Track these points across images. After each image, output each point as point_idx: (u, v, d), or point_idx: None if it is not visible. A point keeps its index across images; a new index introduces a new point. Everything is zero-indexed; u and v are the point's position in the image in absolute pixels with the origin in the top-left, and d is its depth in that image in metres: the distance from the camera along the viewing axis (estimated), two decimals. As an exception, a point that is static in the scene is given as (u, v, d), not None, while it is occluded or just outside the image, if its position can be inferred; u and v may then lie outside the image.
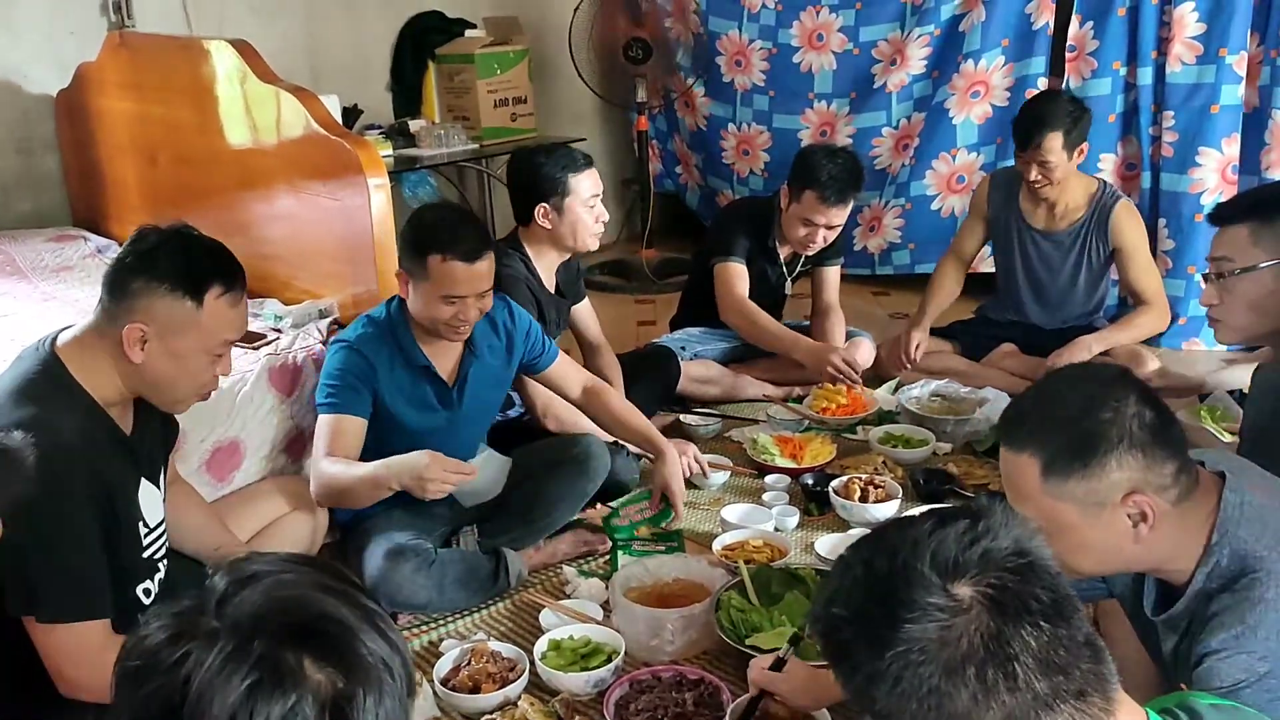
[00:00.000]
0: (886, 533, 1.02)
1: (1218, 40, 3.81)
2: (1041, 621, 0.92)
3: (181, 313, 1.79)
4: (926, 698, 0.92)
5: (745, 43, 4.97)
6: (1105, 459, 1.36)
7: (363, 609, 0.90)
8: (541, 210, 2.92)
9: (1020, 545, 0.96)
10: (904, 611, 0.92)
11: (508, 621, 2.42)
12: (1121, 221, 3.35)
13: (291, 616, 0.86)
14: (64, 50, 3.91)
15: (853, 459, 3.06)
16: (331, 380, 2.43)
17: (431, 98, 5.05)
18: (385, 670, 0.87)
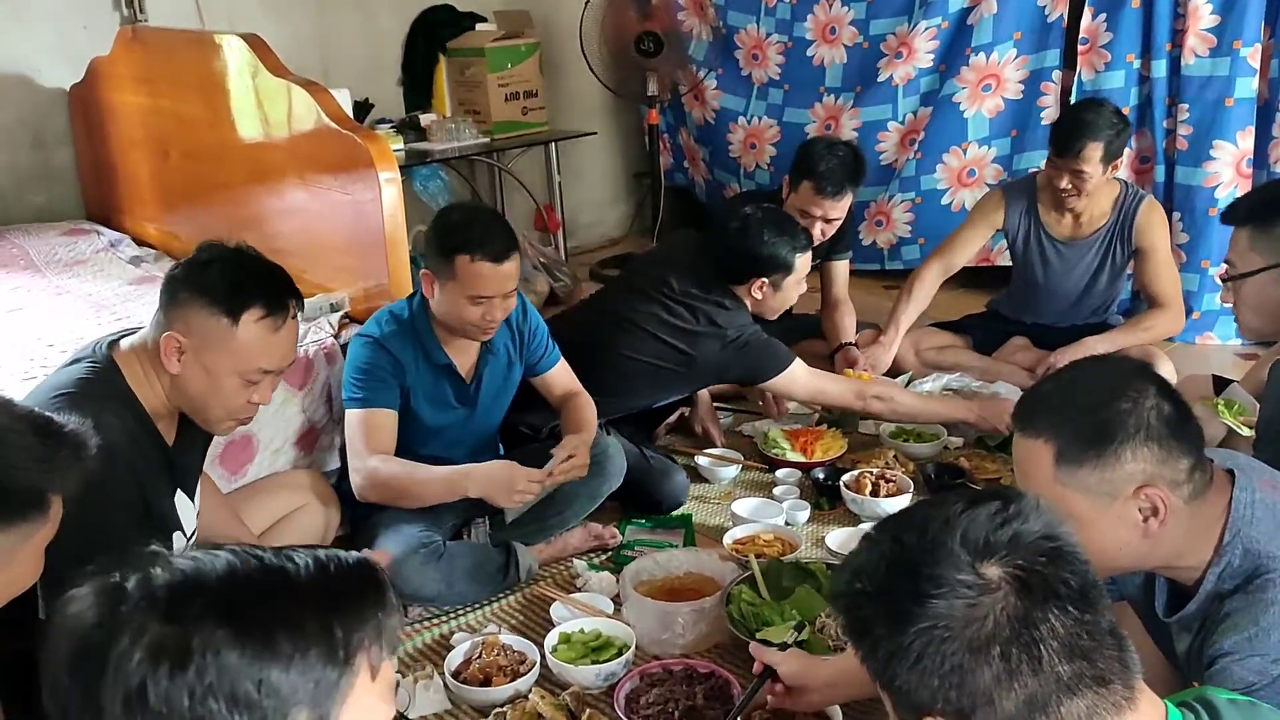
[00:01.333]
0: (916, 511, 1.01)
1: (1232, 32, 3.78)
2: (1069, 606, 0.92)
3: (216, 329, 1.78)
4: (949, 675, 0.91)
5: (762, 36, 4.96)
6: (1120, 449, 1.35)
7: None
8: (759, 284, 2.88)
9: (1050, 530, 0.96)
10: (931, 587, 0.92)
11: (518, 615, 2.43)
12: (1146, 221, 3.30)
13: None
14: (77, 44, 3.92)
15: (864, 453, 3.06)
16: (362, 375, 2.43)
17: (442, 91, 5.04)
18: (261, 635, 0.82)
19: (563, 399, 2.77)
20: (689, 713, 1.98)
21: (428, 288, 2.46)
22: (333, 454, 2.77)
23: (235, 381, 1.81)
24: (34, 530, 1.27)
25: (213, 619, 0.81)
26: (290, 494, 2.49)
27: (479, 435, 2.68)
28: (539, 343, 2.71)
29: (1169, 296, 3.34)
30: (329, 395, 2.73)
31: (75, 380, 1.78)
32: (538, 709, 1.98)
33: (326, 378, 2.72)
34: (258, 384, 1.84)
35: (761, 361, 2.87)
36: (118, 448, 1.70)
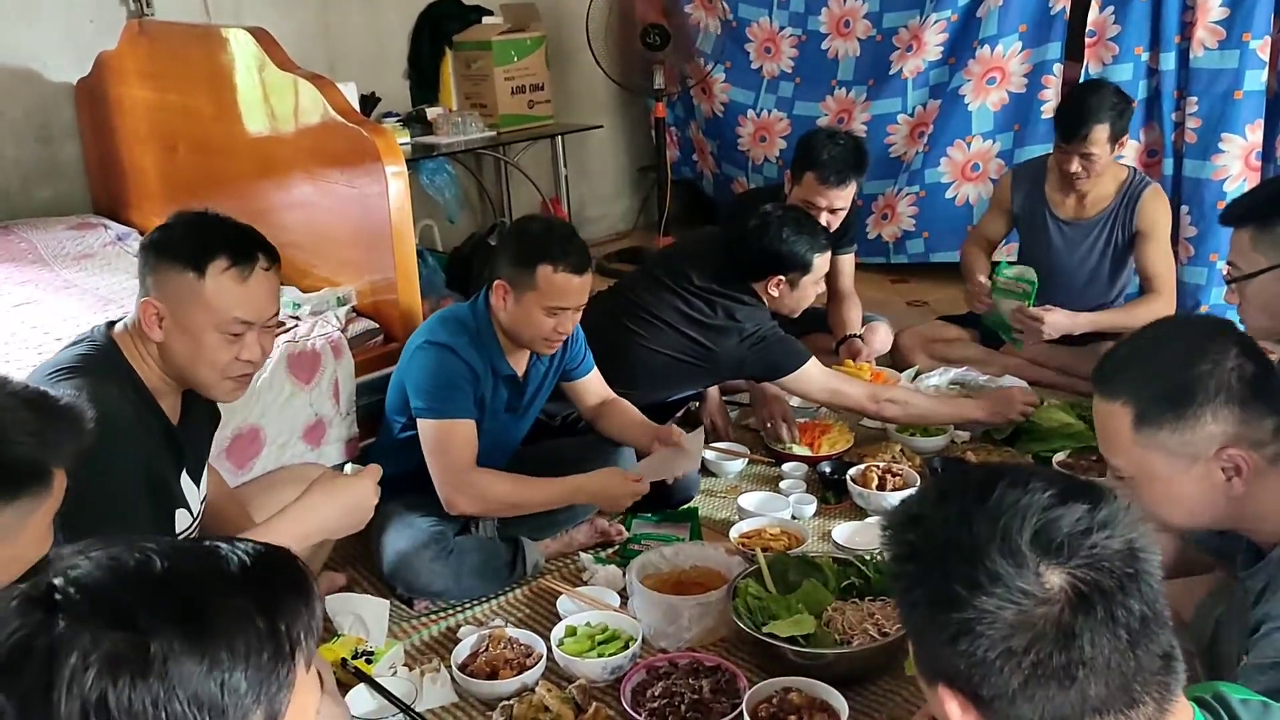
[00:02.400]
0: (999, 484, 0.94)
1: (1241, 25, 3.76)
2: (1122, 633, 0.88)
3: (187, 286, 1.78)
4: (976, 665, 0.89)
5: (775, 30, 4.96)
6: (1200, 411, 1.35)
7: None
8: (777, 281, 2.88)
9: (1133, 548, 0.91)
10: (987, 582, 0.88)
11: (525, 608, 2.43)
12: (1148, 204, 3.32)
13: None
14: (84, 39, 3.93)
15: (870, 447, 3.06)
16: (439, 385, 2.41)
17: (449, 85, 5.04)
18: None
19: (598, 407, 2.78)
20: (695, 706, 1.98)
21: (499, 298, 2.45)
22: (341, 447, 2.77)
23: (215, 337, 1.80)
24: (36, 505, 1.27)
25: (167, 623, 0.76)
26: (298, 487, 2.46)
27: (515, 437, 2.70)
28: (579, 347, 2.71)
29: (1163, 281, 3.36)
30: (335, 389, 2.74)
31: (75, 357, 1.79)
32: (544, 702, 1.99)
33: (334, 371, 2.73)
34: (240, 337, 1.83)
35: (779, 359, 2.87)
36: (121, 417, 1.70)
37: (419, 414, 2.42)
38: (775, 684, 2.00)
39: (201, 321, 1.79)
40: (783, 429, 3.10)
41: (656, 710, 1.98)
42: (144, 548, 0.82)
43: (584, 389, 2.78)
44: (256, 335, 1.85)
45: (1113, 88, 3.31)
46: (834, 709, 1.93)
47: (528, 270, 2.39)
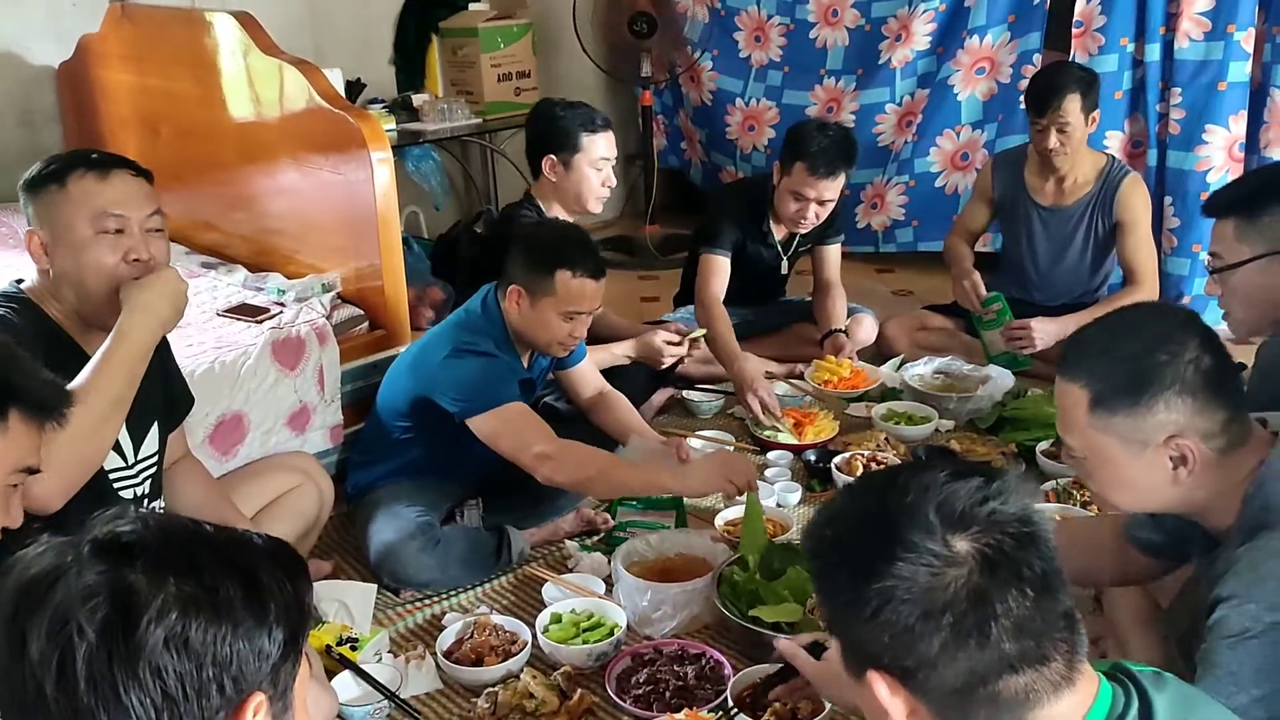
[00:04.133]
0: (901, 473, 1.03)
1: (1226, 16, 3.78)
2: (1028, 589, 0.95)
3: (52, 200, 1.80)
4: (899, 635, 0.95)
5: (764, 18, 4.94)
6: (1154, 399, 1.38)
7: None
8: (549, 162, 2.97)
9: (1026, 513, 0.98)
10: (900, 549, 0.95)
11: (510, 595, 2.44)
12: (1128, 194, 3.34)
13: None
14: (65, 22, 3.89)
15: (855, 435, 3.06)
16: (489, 383, 2.40)
17: (435, 72, 5.02)
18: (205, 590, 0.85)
19: (594, 399, 2.79)
20: (680, 692, 1.99)
21: (514, 303, 2.46)
22: (324, 434, 2.76)
23: (93, 241, 1.80)
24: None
25: (229, 577, 0.85)
26: (283, 475, 2.48)
27: None
28: None
29: (1145, 272, 3.38)
30: (320, 376, 2.73)
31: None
32: (529, 689, 1.99)
33: (319, 358, 2.72)
34: (121, 235, 1.81)
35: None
36: (18, 331, 1.74)
37: (468, 414, 2.39)
38: (760, 670, 2.00)
39: (75, 226, 1.80)
40: (766, 416, 3.08)
41: (641, 697, 1.99)
42: (173, 516, 0.93)
43: (578, 379, 2.78)
44: (141, 236, 1.84)
45: (1078, 65, 3.37)
46: (817, 695, 1.94)
47: (545, 276, 2.40)
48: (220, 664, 0.82)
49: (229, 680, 0.83)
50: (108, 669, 0.80)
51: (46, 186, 1.82)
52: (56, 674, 0.80)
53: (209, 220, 3.44)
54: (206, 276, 3.12)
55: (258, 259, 3.22)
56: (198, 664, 0.82)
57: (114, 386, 1.73)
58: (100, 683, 0.79)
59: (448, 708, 2.07)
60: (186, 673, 0.81)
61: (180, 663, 0.81)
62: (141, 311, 1.78)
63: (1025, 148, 3.52)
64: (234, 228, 3.34)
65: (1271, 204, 1.89)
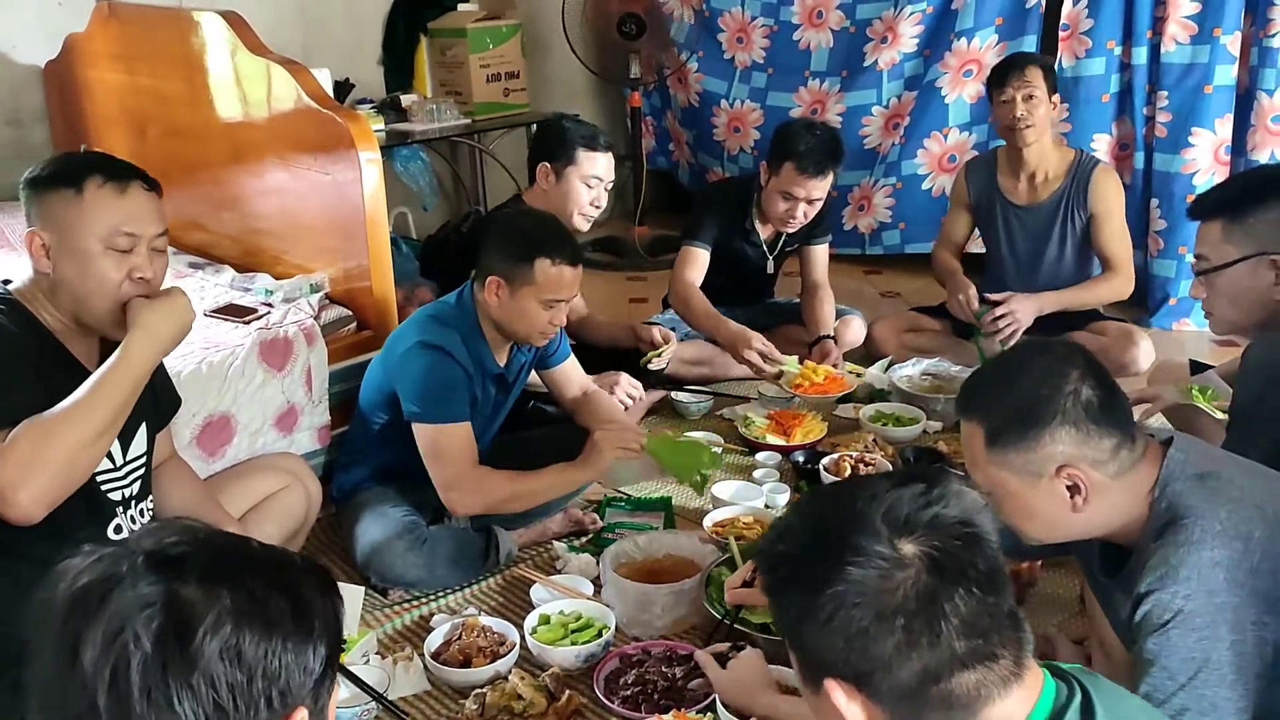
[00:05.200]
0: (845, 485, 1.10)
1: (1212, 20, 3.81)
2: (974, 588, 0.99)
3: (64, 205, 1.78)
4: (853, 639, 0.98)
5: (747, 20, 4.95)
6: (1040, 433, 1.45)
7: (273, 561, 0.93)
8: (543, 169, 2.99)
9: (967, 515, 1.02)
10: (849, 555, 0.98)
11: (498, 596, 2.43)
12: (1100, 184, 3.37)
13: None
14: (52, 21, 3.87)
15: (843, 437, 3.07)
16: (435, 390, 2.38)
17: (423, 72, 5.02)
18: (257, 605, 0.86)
19: (578, 398, 2.78)
20: (668, 693, 1.99)
21: (492, 293, 2.43)
22: (313, 435, 2.76)
23: (101, 254, 1.78)
24: None
25: (276, 591, 0.87)
26: (271, 476, 2.47)
27: (493, 428, 2.69)
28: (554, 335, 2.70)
29: (1120, 260, 3.41)
30: (308, 376, 2.72)
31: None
32: (517, 690, 1.99)
33: (306, 359, 2.71)
34: (128, 255, 1.80)
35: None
36: (18, 338, 1.74)
37: (414, 418, 2.40)
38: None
39: (85, 238, 1.78)
40: (768, 364, 3.21)
41: (629, 698, 1.99)
42: (220, 531, 0.95)
43: (562, 378, 2.78)
44: (147, 254, 1.83)
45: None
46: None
47: (525, 264, 2.39)
48: (270, 677, 0.84)
49: (277, 693, 0.85)
50: (162, 679, 0.81)
51: (58, 189, 1.79)
52: (110, 683, 0.80)
53: (197, 220, 3.43)
54: (194, 277, 3.11)
55: (246, 259, 3.22)
56: (249, 676, 0.83)
57: (111, 405, 1.73)
58: (154, 692, 0.81)
59: (435, 709, 2.07)
60: (238, 684, 0.83)
61: (233, 674, 0.82)
62: (146, 333, 1.78)
63: (995, 151, 3.57)
64: (222, 228, 3.33)
65: (1258, 205, 1.91)
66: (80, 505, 1.79)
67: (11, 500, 1.62)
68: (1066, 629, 2.19)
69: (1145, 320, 3.97)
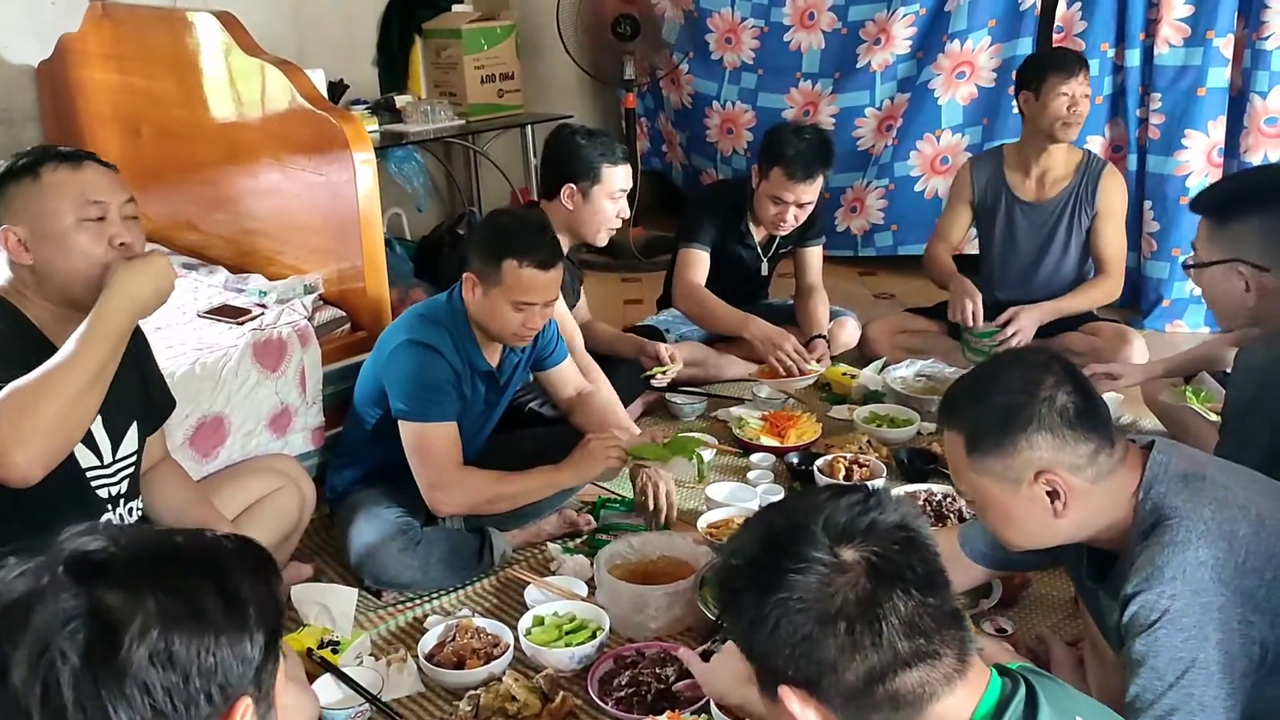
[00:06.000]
0: (789, 500, 1.15)
1: (1205, 22, 3.82)
2: (913, 590, 1.02)
3: (25, 195, 1.79)
4: (799, 644, 1.01)
5: (737, 20, 4.94)
6: (1017, 439, 1.47)
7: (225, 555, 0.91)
8: (568, 190, 2.92)
9: (905, 521, 1.06)
10: (791, 563, 1.02)
11: (492, 598, 2.43)
12: (1108, 184, 3.38)
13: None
14: (45, 20, 3.86)
15: (837, 438, 3.07)
16: (422, 389, 2.38)
17: (418, 73, 5.01)
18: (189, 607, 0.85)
19: (574, 399, 2.77)
20: (662, 695, 1.99)
21: (469, 291, 2.43)
22: (307, 436, 2.75)
23: (77, 228, 1.80)
24: None
25: (207, 587, 0.86)
26: (265, 477, 2.47)
27: (487, 428, 2.69)
28: (550, 335, 2.69)
29: (1113, 262, 3.42)
30: (302, 377, 2.72)
31: None
32: (511, 691, 1.99)
33: (300, 360, 2.71)
34: (103, 221, 1.82)
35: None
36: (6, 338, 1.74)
37: (401, 415, 2.40)
38: (742, 673, 2.01)
39: (57, 218, 1.79)
40: (797, 362, 3.22)
41: (623, 699, 1.99)
42: (150, 528, 0.92)
43: (559, 379, 2.77)
44: (121, 221, 1.84)
45: None
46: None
47: (494, 264, 2.37)
48: (206, 674, 0.83)
49: (216, 688, 0.84)
50: (94, 691, 0.80)
51: (17, 182, 1.80)
52: (42, 700, 0.80)
53: (190, 221, 3.43)
54: (187, 277, 3.11)
55: (239, 260, 3.21)
56: (184, 676, 0.82)
57: (90, 364, 1.71)
58: (88, 704, 0.80)
59: (429, 711, 2.07)
60: (174, 686, 0.82)
61: (167, 677, 0.82)
62: (121, 295, 1.77)
63: (1001, 148, 3.57)
64: (215, 228, 3.32)
65: (1238, 213, 1.95)
66: (69, 501, 1.79)
67: (7, 462, 1.62)
68: (1060, 630, 2.19)
69: (1138, 321, 3.98)
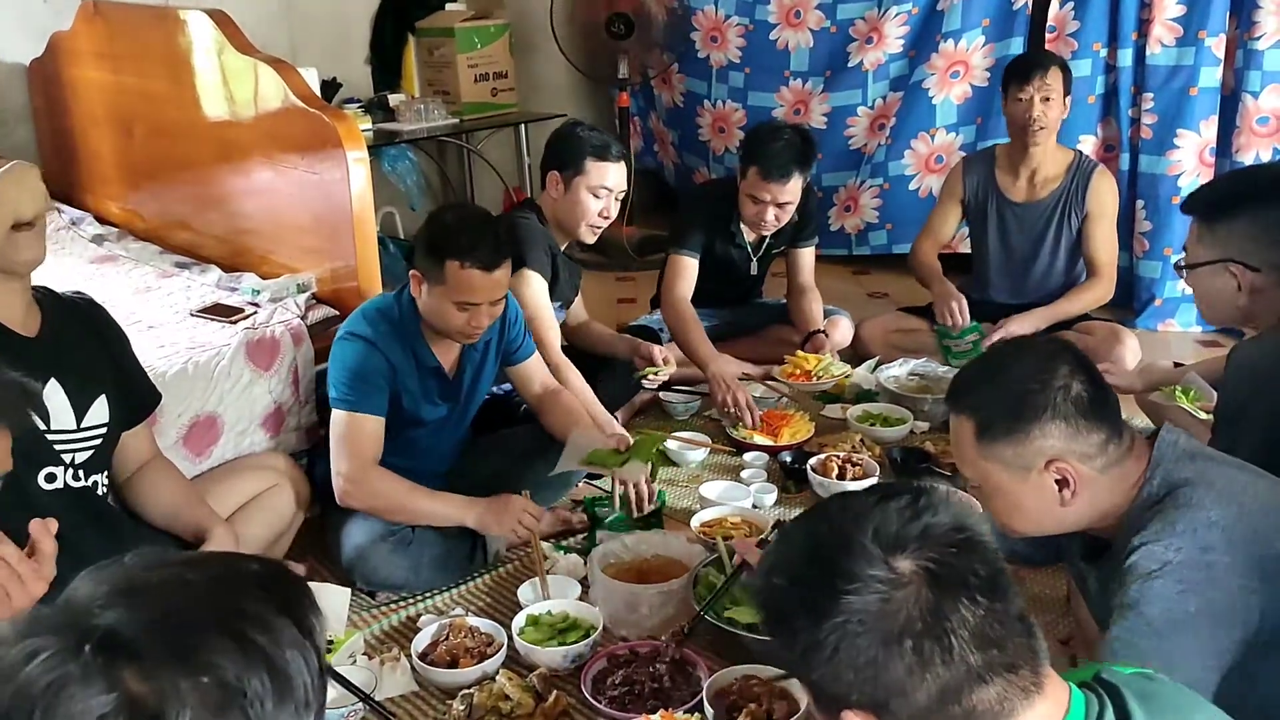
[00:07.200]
0: (829, 506, 1.03)
1: (1197, 22, 3.83)
2: (978, 596, 0.94)
3: None
4: (863, 669, 0.93)
5: (721, 19, 4.93)
6: (1029, 427, 1.47)
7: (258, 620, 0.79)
8: (553, 177, 2.96)
9: (959, 522, 0.98)
10: (844, 583, 0.93)
11: (486, 597, 2.43)
12: (1098, 185, 3.39)
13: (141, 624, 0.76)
14: (37, 19, 3.85)
15: (831, 437, 3.08)
16: (352, 378, 2.37)
17: (411, 72, 5.00)
18: (237, 689, 0.75)
19: (542, 394, 2.75)
20: (655, 694, 1.99)
21: (415, 287, 2.41)
22: (300, 435, 2.75)
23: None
24: None
25: (241, 661, 0.76)
26: (259, 476, 2.46)
27: (459, 426, 2.68)
28: (517, 330, 2.68)
29: (1104, 265, 3.43)
30: (295, 377, 2.71)
31: None
32: (505, 690, 1.99)
33: (293, 359, 2.70)
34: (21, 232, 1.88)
35: None
36: None
37: (332, 404, 2.41)
38: (736, 671, 2.01)
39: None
40: (745, 415, 3.10)
41: (617, 698, 1.99)
42: (166, 567, 0.80)
43: (526, 374, 2.75)
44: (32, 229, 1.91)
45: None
46: (793, 697, 1.95)
47: (437, 264, 2.34)
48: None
49: None
50: None
51: None
52: None
53: (183, 220, 3.42)
54: (180, 276, 3.10)
55: (232, 259, 3.20)
56: None
57: None
58: None
59: (423, 710, 2.07)
60: None
61: None
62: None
63: (994, 149, 3.58)
64: (208, 227, 3.32)
65: (1228, 214, 1.95)
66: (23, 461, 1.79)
67: None
68: (1053, 629, 2.20)
69: (1130, 321, 3.98)
